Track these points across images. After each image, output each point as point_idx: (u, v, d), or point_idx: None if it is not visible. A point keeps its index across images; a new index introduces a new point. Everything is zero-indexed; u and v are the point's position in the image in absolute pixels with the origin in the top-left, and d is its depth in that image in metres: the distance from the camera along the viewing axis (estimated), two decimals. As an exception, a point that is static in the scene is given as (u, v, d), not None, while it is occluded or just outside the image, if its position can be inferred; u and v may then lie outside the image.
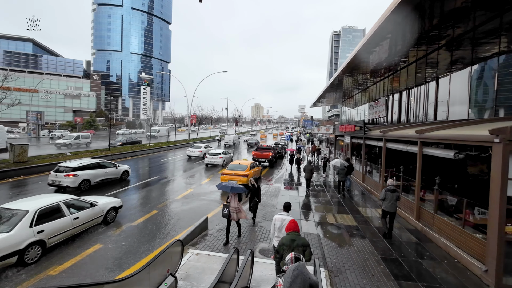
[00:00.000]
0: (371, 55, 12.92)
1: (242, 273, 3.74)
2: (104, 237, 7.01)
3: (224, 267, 3.87)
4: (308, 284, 1.64)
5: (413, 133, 8.26)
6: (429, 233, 7.23)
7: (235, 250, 4.47)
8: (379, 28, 9.14)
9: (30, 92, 63.90)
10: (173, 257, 4.68)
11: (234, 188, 6.81)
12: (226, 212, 6.59)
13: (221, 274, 3.71)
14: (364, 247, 6.70)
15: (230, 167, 13.58)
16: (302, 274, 1.66)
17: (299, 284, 1.60)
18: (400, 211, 9.12)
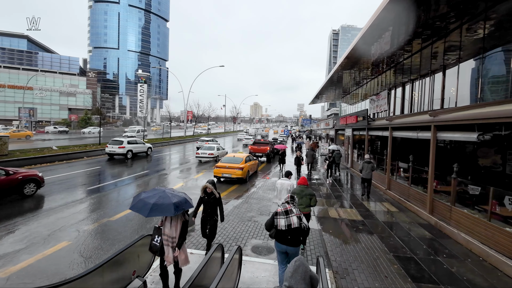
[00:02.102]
0: (373, 45, 11.95)
1: (224, 274, 2.85)
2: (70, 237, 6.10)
3: (201, 267, 2.98)
4: (308, 275, 1.74)
5: (426, 117, 7.39)
6: (446, 228, 6.37)
7: (218, 247, 3.58)
8: (382, 12, 8.22)
9: (24, 89, 62.69)
10: (141, 257, 3.79)
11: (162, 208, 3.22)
12: (157, 243, 3.52)
13: (195, 277, 2.83)
14: (372, 243, 5.82)
15: (224, 160, 12.67)
16: (303, 265, 1.78)
17: (300, 274, 1.71)
18: (409, 204, 8.26)
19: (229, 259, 3.13)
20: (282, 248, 3.71)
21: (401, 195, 9.04)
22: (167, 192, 3.48)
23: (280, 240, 3.71)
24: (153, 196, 3.32)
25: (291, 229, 3.62)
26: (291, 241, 3.65)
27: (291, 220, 3.62)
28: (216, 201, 4.76)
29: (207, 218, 4.73)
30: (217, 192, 4.80)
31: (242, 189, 11.00)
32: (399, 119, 9.36)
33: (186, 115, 37.67)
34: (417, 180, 8.58)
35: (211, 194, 4.71)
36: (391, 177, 10.06)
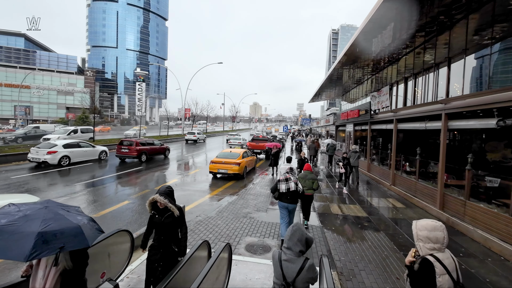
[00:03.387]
0: (373, 40, 11.32)
1: (207, 276, 2.30)
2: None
3: (178, 269, 2.42)
4: (304, 238, 2.03)
5: (435, 106, 6.84)
6: (459, 225, 5.82)
7: (202, 244, 3.02)
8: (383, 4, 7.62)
9: (21, 87, 62.03)
10: (113, 256, 3.22)
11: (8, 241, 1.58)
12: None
13: (170, 279, 2.27)
14: (380, 241, 5.27)
15: (220, 155, 12.11)
16: (299, 229, 2.04)
17: (297, 236, 2.01)
18: (417, 200, 7.71)
19: (214, 258, 2.57)
20: (283, 205, 4.94)
21: (408, 191, 8.49)
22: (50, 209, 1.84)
23: (282, 199, 4.94)
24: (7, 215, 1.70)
25: (290, 192, 4.84)
26: (290, 200, 4.90)
27: (290, 185, 4.84)
28: (175, 223, 2.97)
29: (158, 249, 2.93)
30: (178, 206, 3.03)
31: (239, 185, 10.44)
32: (405, 110, 8.82)
33: (184, 113, 37.05)
34: (425, 174, 8.03)
35: (165, 211, 2.94)
36: (396, 172, 9.51)
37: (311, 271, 1.97)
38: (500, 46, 6.05)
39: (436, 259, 1.81)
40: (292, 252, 2.00)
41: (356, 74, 19.28)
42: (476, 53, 7.42)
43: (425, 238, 1.90)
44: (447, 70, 9.49)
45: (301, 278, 1.93)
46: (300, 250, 1.99)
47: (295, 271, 1.95)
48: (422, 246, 1.91)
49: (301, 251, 1.99)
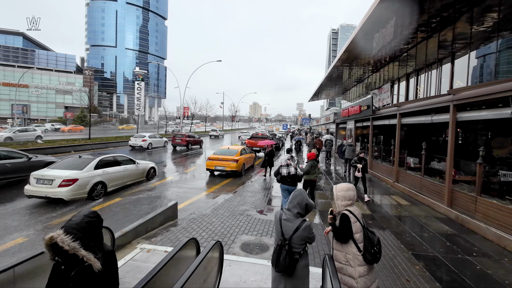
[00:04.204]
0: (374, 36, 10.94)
1: (191, 278, 1.93)
2: (32, 228, 5.14)
3: (158, 269, 2.05)
4: (304, 203, 2.26)
5: (443, 98, 6.48)
6: (470, 222, 5.45)
7: (189, 242, 2.65)
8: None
9: (18, 86, 61.57)
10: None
11: None
12: None
13: (148, 280, 1.90)
14: (386, 240, 4.91)
15: (217, 152, 11.73)
16: (301, 195, 2.30)
17: (297, 200, 2.26)
18: (422, 197, 7.35)
19: (200, 259, 2.21)
20: (284, 187, 5.81)
21: (412, 188, 8.13)
22: None
23: (283, 182, 5.78)
24: None
25: (290, 175, 5.68)
26: (290, 183, 5.71)
27: (290, 169, 5.69)
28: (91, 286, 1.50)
29: None
30: (106, 250, 1.64)
31: (237, 182, 10.08)
32: (409, 103, 8.45)
33: (183, 112, 36.67)
34: (431, 170, 7.67)
35: (75, 260, 1.45)
36: (400, 169, 9.15)
37: (307, 230, 2.18)
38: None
39: (350, 212, 2.42)
40: (291, 213, 2.26)
41: (357, 72, 18.92)
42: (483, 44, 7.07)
43: (342, 197, 2.49)
44: (451, 66, 9.16)
45: (297, 236, 2.16)
46: (298, 212, 2.23)
47: (292, 229, 2.19)
48: (339, 204, 2.49)
49: (299, 213, 2.23)
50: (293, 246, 2.19)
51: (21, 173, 8.35)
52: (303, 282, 2.29)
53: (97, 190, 7.10)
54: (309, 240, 2.25)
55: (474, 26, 7.84)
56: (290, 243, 2.19)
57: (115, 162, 8.08)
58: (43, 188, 6.35)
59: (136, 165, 8.92)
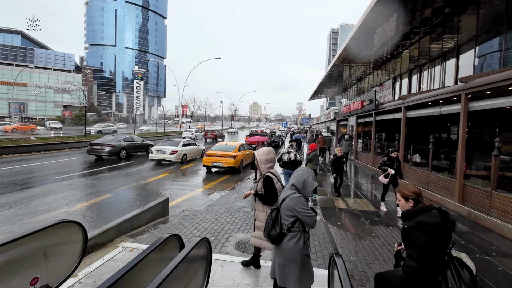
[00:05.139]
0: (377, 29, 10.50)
1: (166, 281, 1.52)
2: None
3: (127, 269, 1.63)
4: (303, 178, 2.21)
5: (453, 87, 6.07)
6: (485, 219, 5.04)
7: (169, 239, 2.23)
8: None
9: (15, 85, 61.12)
10: (53, 257, 2.41)
11: None
12: None
13: (114, 282, 1.49)
14: (394, 238, 4.49)
15: (214, 148, 11.33)
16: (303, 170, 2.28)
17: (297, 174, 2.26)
18: (430, 193, 6.93)
19: (180, 258, 1.78)
20: (286, 171, 6.56)
21: (418, 184, 7.70)
22: None
23: (285, 167, 6.58)
24: None
25: (291, 161, 6.48)
26: (291, 167, 6.40)
27: (290, 156, 6.52)
28: None
29: None
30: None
31: (234, 179, 9.67)
32: (416, 95, 8.04)
33: (182, 110, 36.23)
34: (438, 164, 7.26)
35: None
36: (405, 165, 8.73)
37: (293, 200, 2.13)
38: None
39: (272, 173, 2.83)
40: (288, 185, 2.30)
41: (357, 70, 18.52)
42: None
43: (265, 161, 2.82)
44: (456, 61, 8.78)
45: (284, 205, 2.17)
46: (293, 184, 2.21)
47: (282, 198, 2.24)
48: (263, 168, 2.82)
49: (294, 185, 2.21)
50: (282, 216, 2.19)
51: (141, 149, 15.05)
52: (290, 264, 2.15)
53: (184, 158, 12.58)
54: (297, 214, 2.12)
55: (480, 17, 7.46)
56: (279, 212, 2.22)
57: (189, 144, 13.69)
58: (160, 155, 12.11)
59: (198, 146, 14.48)
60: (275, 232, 2.18)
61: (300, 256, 2.14)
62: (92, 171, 9.98)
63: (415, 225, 1.73)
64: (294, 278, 2.13)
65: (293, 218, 2.15)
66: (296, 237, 2.16)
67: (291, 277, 2.14)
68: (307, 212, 2.11)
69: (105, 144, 12.41)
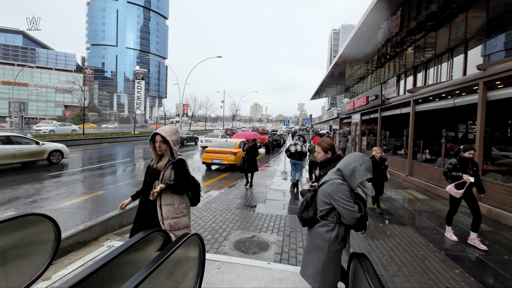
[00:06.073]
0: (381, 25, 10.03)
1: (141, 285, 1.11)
2: None
3: (91, 271, 1.23)
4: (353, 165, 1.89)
5: (469, 76, 5.65)
6: (507, 217, 4.63)
7: (151, 235, 1.83)
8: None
9: (19, 85, 61.14)
10: (14, 257, 2.01)
11: None
12: None
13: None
14: (410, 238, 4.08)
15: (215, 144, 10.95)
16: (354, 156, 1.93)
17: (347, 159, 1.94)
18: (442, 191, 6.50)
19: (160, 259, 1.39)
20: (293, 161, 7.22)
21: (429, 181, 7.29)
22: None
23: (292, 157, 7.16)
24: None
25: (297, 152, 7.10)
26: (298, 158, 7.13)
27: (297, 147, 7.14)
28: None
29: None
30: None
31: (235, 176, 9.26)
32: (426, 88, 7.61)
33: (182, 109, 35.89)
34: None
35: None
36: (414, 161, 8.31)
37: (333, 186, 1.85)
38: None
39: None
40: (334, 169, 2.01)
41: (359, 69, 18.05)
42: None
43: (176, 141, 2.39)
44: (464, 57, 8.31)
45: (321, 189, 1.94)
46: (339, 169, 1.94)
47: (322, 181, 1.98)
48: (176, 150, 2.37)
49: (339, 169, 1.93)
50: (318, 202, 1.95)
51: (192, 141, 21.88)
52: (315, 252, 1.91)
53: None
54: (333, 202, 1.82)
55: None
56: (316, 195, 1.98)
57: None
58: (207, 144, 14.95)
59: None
60: (307, 215, 1.96)
61: (329, 248, 1.86)
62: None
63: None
64: (315, 269, 1.87)
65: (328, 205, 1.87)
66: (329, 226, 1.88)
67: (312, 267, 1.90)
68: (346, 204, 1.78)
69: None
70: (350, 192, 1.83)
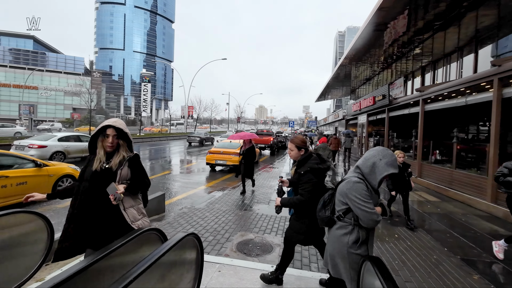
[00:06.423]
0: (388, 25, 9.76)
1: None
2: None
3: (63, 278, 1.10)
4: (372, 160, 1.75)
5: (483, 72, 5.42)
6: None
7: (145, 234, 1.71)
8: None
9: (29, 88, 62.51)
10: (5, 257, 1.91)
11: None
12: None
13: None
14: (421, 241, 3.87)
15: (218, 145, 10.87)
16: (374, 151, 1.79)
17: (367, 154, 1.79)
18: (454, 192, 6.24)
19: (158, 255, 1.26)
20: None
21: (440, 182, 7.02)
22: None
23: None
24: None
25: None
26: None
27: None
28: None
29: None
30: None
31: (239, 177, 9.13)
32: (435, 86, 7.37)
33: (188, 111, 36.06)
34: (462, 161, 6.57)
35: None
36: (423, 162, 8.04)
37: (349, 185, 1.71)
38: None
39: None
40: (353, 167, 1.85)
41: (366, 69, 17.74)
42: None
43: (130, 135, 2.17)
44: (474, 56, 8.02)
45: (338, 188, 1.81)
46: (357, 166, 1.78)
47: (341, 179, 1.84)
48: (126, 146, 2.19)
49: (358, 167, 1.78)
50: (336, 201, 1.83)
51: (209, 141, 24.24)
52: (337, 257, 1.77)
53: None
54: (349, 202, 1.69)
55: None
56: (334, 194, 1.86)
57: None
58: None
59: None
60: (324, 214, 1.88)
61: (348, 253, 1.72)
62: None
63: (309, 170, 2.19)
64: (345, 270, 1.76)
65: (345, 206, 1.74)
66: (347, 228, 1.74)
67: (341, 268, 1.79)
68: (362, 204, 1.62)
69: (197, 137, 23.02)
70: (368, 192, 1.67)
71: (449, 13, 8.53)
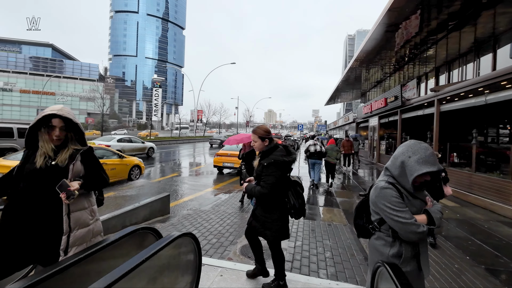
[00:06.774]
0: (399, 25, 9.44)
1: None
2: None
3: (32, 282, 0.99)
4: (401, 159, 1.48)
5: (504, 69, 5.09)
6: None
7: (136, 233, 1.59)
8: None
9: (47, 94, 65.11)
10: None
11: None
12: None
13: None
14: (442, 249, 3.58)
15: (226, 148, 10.78)
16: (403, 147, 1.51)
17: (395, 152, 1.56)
18: (474, 197, 5.86)
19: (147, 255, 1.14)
20: (312, 161, 7.39)
21: (459, 187, 6.63)
22: None
23: (311, 157, 7.31)
24: None
25: (317, 152, 7.18)
26: (316, 157, 7.23)
27: (316, 147, 7.22)
28: None
29: None
30: None
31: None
32: (452, 85, 7.03)
33: (197, 115, 36.42)
34: (484, 163, 6.18)
35: None
36: (439, 166, 7.64)
37: (375, 191, 1.49)
38: None
39: None
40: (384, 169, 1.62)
41: (376, 72, 17.33)
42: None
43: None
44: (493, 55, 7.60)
45: (370, 195, 1.56)
46: (386, 168, 1.54)
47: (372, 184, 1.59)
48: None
49: (387, 169, 1.53)
50: (370, 210, 1.57)
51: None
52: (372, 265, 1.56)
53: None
54: (380, 212, 1.45)
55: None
56: (365, 201, 1.66)
57: None
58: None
59: None
60: (360, 222, 1.68)
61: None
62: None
63: (273, 162, 2.07)
64: None
65: (378, 216, 1.49)
66: (385, 240, 1.47)
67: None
68: (394, 214, 1.35)
69: (218, 139, 24.61)
70: (402, 198, 1.40)
71: (464, 12, 8.19)
